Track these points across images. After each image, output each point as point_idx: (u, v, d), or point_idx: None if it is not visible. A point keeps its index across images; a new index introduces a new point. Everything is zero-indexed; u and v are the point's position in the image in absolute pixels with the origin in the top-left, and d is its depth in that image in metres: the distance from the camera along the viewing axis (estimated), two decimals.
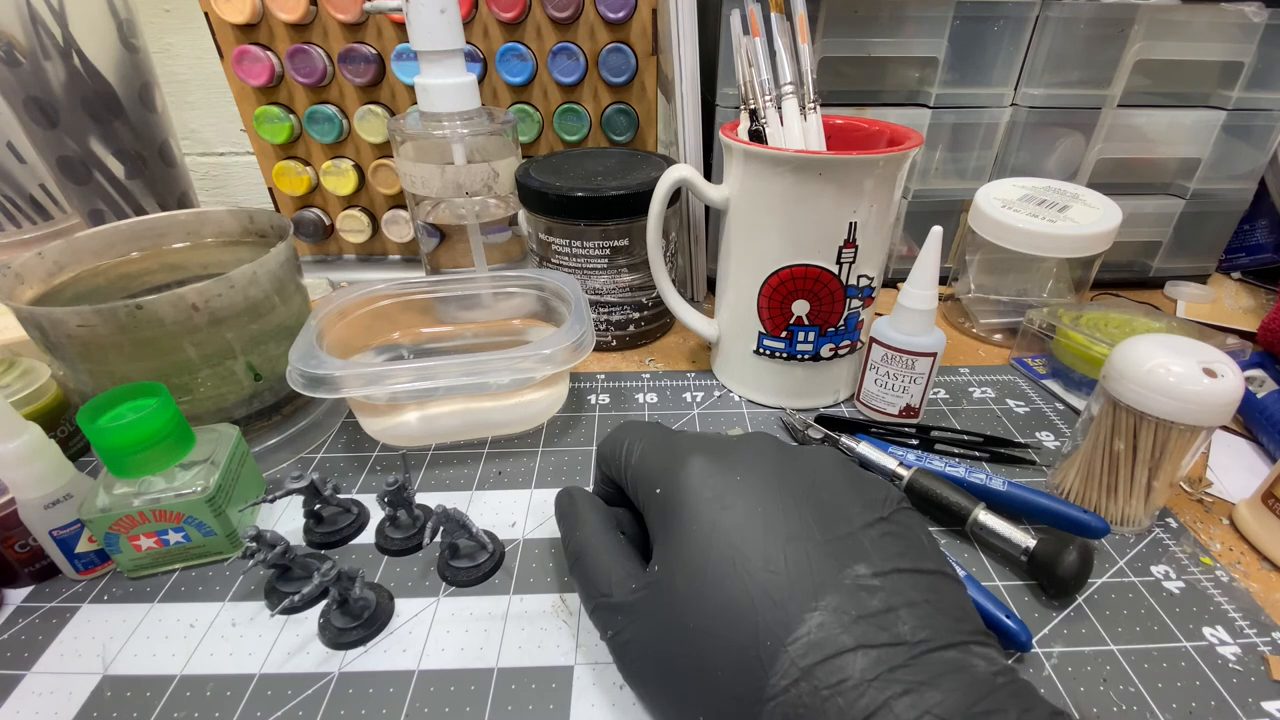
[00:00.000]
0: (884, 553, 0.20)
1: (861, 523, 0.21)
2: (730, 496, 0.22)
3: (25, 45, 0.43)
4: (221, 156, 0.70)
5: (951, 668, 0.17)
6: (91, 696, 0.25)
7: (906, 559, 0.20)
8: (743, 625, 0.19)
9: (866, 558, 0.20)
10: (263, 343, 0.34)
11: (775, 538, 0.20)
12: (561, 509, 0.28)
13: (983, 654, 0.18)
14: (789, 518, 0.21)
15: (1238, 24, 0.45)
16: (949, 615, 0.19)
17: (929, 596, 0.19)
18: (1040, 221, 0.43)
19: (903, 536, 0.21)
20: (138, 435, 0.27)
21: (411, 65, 0.50)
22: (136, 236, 0.38)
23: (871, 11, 0.44)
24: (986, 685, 0.17)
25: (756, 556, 0.20)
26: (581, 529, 0.26)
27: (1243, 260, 0.57)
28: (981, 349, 0.48)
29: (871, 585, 0.19)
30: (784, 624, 0.18)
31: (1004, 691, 0.17)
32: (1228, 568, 0.30)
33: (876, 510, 0.21)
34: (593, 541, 0.25)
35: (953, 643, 0.18)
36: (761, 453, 0.23)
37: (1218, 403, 0.27)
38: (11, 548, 0.28)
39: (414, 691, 0.25)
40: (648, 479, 0.24)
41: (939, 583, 0.20)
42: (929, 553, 0.21)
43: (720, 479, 0.22)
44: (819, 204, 0.33)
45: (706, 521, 0.21)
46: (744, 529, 0.21)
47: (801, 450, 0.24)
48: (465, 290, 0.40)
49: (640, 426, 0.27)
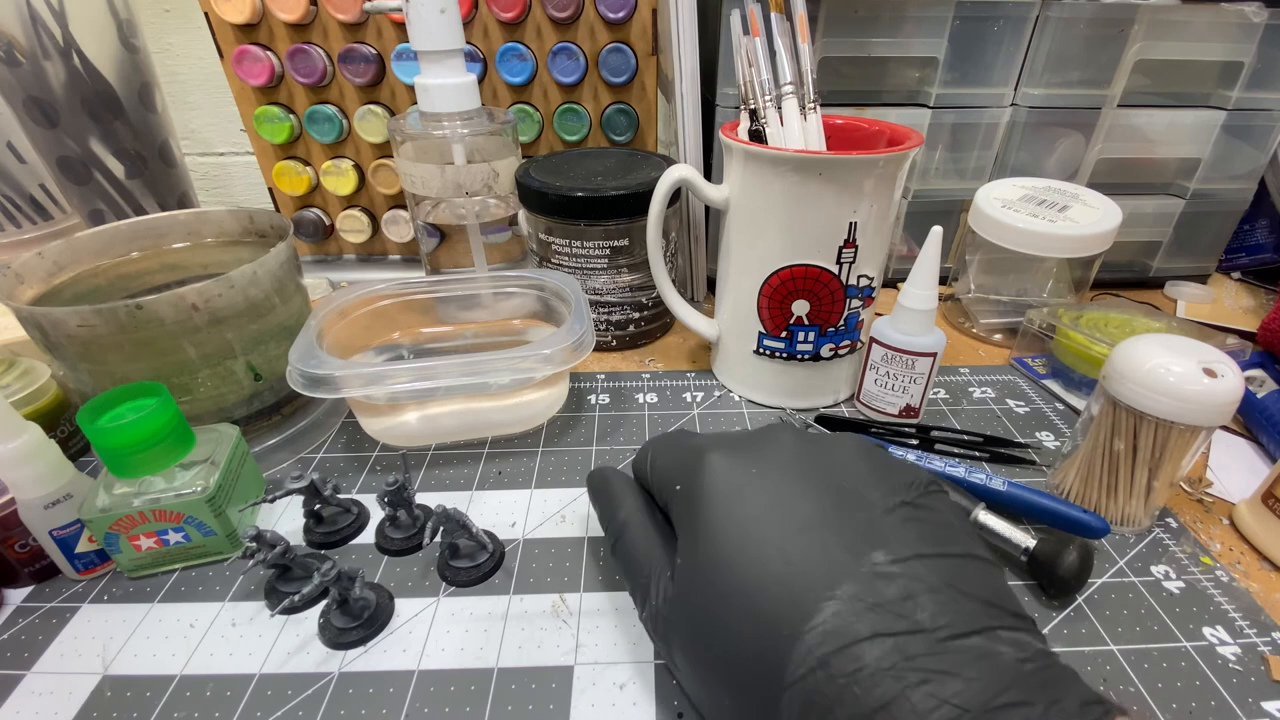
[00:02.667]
0: (904, 538, 0.20)
1: (882, 508, 0.20)
2: (748, 489, 0.22)
3: (25, 45, 0.43)
4: (221, 156, 0.70)
5: (974, 655, 0.17)
6: (91, 696, 0.25)
7: (929, 543, 0.20)
8: (760, 616, 0.19)
9: (885, 544, 0.19)
10: (263, 343, 0.34)
11: (791, 528, 0.20)
12: (595, 489, 0.29)
13: (1012, 640, 0.18)
14: (806, 507, 0.21)
15: (1238, 24, 0.45)
16: (975, 600, 0.18)
17: (953, 581, 0.19)
18: (1040, 221, 0.43)
19: (927, 520, 0.21)
20: (138, 435, 0.27)
21: (411, 65, 0.50)
22: (136, 236, 0.38)
23: (871, 11, 0.44)
24: (1012, 674, 0.16)
25: (772, 548, 0.20)
26: (622, 509, 0.26)
27: (1243, 260, 0.57)
28: (981, 349, 0.48)
29: (889, 573, 0.18)
30: (800, 613, 0.18)
31: (1032, 681, 0.16)
32: (1228, 568, 0.30)
33: (900, 494, 0.21)
34: (633, 522, 0.26)
35: (976, 629, 0.17)
36: (780, 444, 0.23)
37: (1218, 403, 0.27)
38: (11, 548, 0.28)
39: (414, 691, 0.25)
40: (669, 477, 0.25)
41: (967, 566, 0.20)
42: (957, 535, 0.21)
43: (737, 473, 0.22)
44: (819, 204, 0.33)
45: (723, 515, 0.21)
46: (760, 520, 0.21)
47: (823, 438, 0.24)
48: (465, 290, 0.40)
49: (663, 435, 0.28)
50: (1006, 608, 0.19)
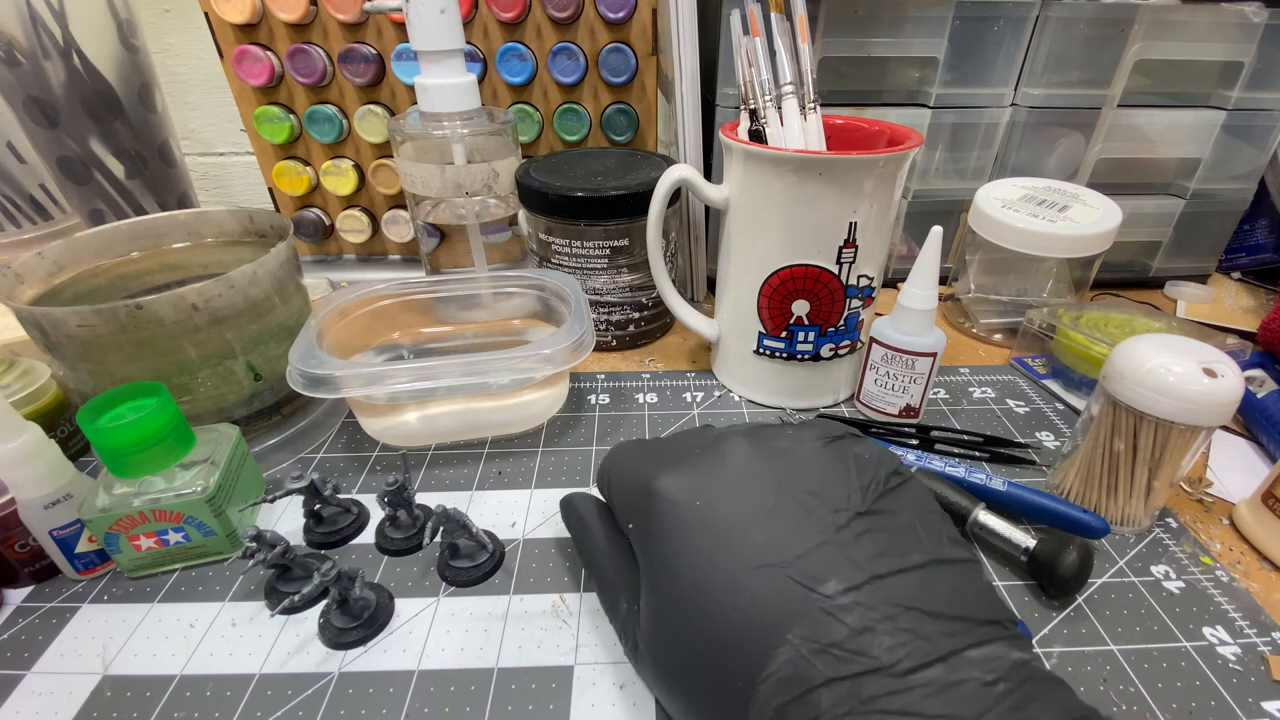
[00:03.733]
0: (859, 559, 0.18)
1: (835, 526, 0.19)
2: (692, 524, 0.21)
3: (25, 45, 0.43)
4: (221, 156, 0.70)
5: (936, 689, 0.16)
6: (91, 696, 0.25)
7: (887, 559, 0.18)
8: (715, 666, 0.18)
9: (838, 570, 0.18)
10: (263, 343, 0.34)
11: (739, 568, 0.19)
12: (567, 519, 0.29)
13: (981, 659, 0.16)
14: (756, 538, 0.19)
15: (1238, 24, 0.45)
16: (939, 619, 0.17)
17: (915, 600, 0.18)
18: (1040, 221, 0.43)
19: (885, 529, 0.19)
20: (138, 435, 0.27)
21: (411, 65, 0.50)
22: (136, 236, 0.38)
23: (871, 11, 0.44)
24: (979, 702, 0.15)
25: (723, 592, 0.19)
26: (590, 540, 0.26)
27: (1243, 260, 0.57)
28: (981, 349, 0.48)
29: (842, 605, 0.17)
30: (753, 663, 0.17)
31: (1003, 706, 0.15)
32: (1228, 568, 0.30)
33: (855, 504, 0.20)
34: (600, 554, 0.26)
35: (940, 656, 0.16)
36: (728, 463, 0.22)
37: (1218, 403, 0.27)
38: (11, 548, 0.28)
39: (414, 691, 0.25)
40: (623, 513, 0.25)
41: (931, 576, 0.18)
42: (920, 541, 0.19)
43: (681, 507, 0.21)
44: (819, 204, 0.33)
45: (671, 557, 0.21)
46: (710, 562, 0.20)
47: (776, 443, 0.23)
48: (465, 290, 0.40)
49: (619, 451, 0.27)
50: (976, 617, 0.18)
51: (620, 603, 0.24)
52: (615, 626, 0.25)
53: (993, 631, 0.17)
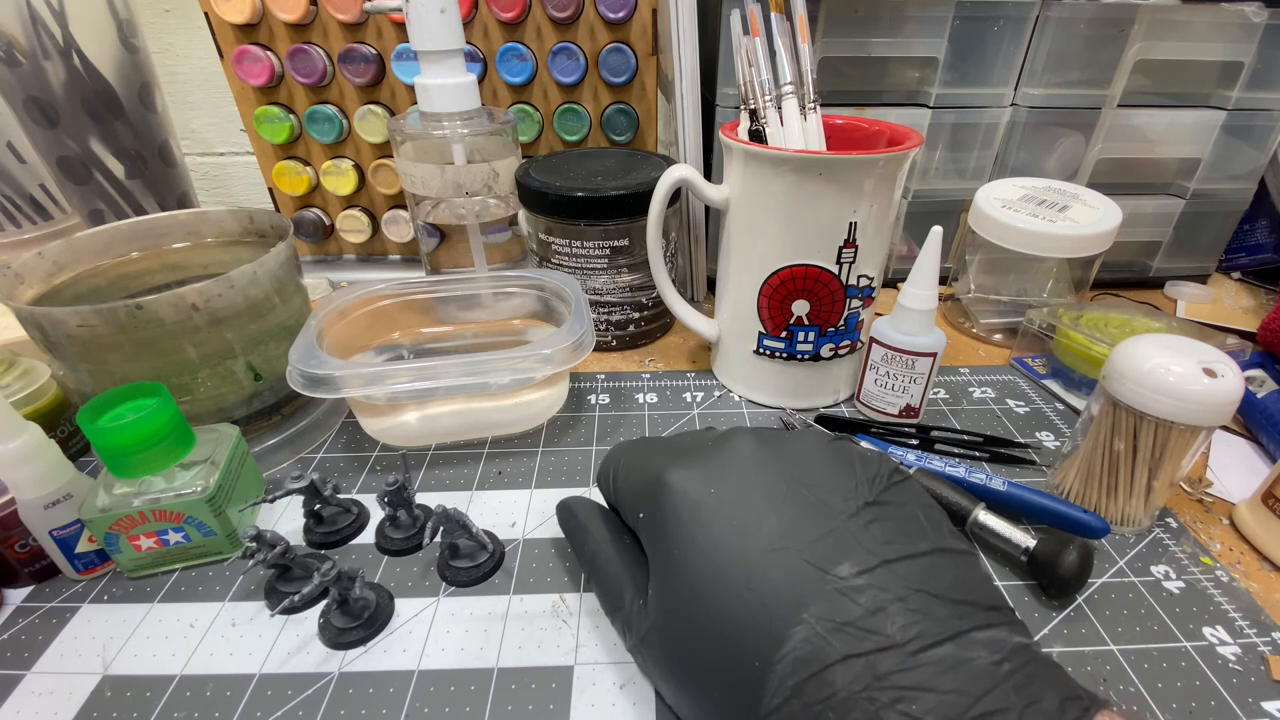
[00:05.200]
0: (869, 544, 0.19)
1: (845, 514, 0.20)
2: (708, 513, 0.21)
3: (25, 45, 0.43)
4: (221, 156, 0.70)
5: (947, 665, 0.17)
6: (91, 696, 0.25)
7: (895, 546, 0.19)
8: (733, 647, 0.19)
9: (850, 554, 0.19)
10: (263, 343, 0.34)
11: (755, 550, 0.20)
12: (563, 522, 0.29)
13: (986, 640, 0.17)
14: (769, 524, 0.20)
15: (1238, 24, 0.45)
16: (946, 602, 0.18)
17: (923, 583, 0.18)
18: (1040, 221, 0.43)
19: (892, 519, 0.20)
20: (138, 435, 0.27)
21: (411, 65, 0.50)
22: (136, 236, 0.38)
23: (871, 11, 0.44)
24: (986, 680, 0.16)
25: (738, 574, 0.19)
26: (590, 541, 0.26)
27: (1243, 260, 0.57)
28: (981, 349, 0.48)
29: (855, 586, 0.18)
30: (770, 642, 0.18)
31: (1009, 684, 0.16)
32: (1228, 568, 0.30)
33: (863, 495, 0.21)
34: (601, 553, 0.26)
35: (949, 635, 0.17)
36: (739, 453, 0.23)
37: (1218, 403, 0.27)
38: (11, 548, 0.28)
39: (414, 691, 0.25)
40: (631, 505, 0.25)
41: (937, 563, 0.19)
42: (924, 531, 0.20)
43: (694, 497, 0.22)
44: (819, 204, 0.33)
45: (687, 543, 0.21)
46: (724, 546, 0.20)
47: (782, 440, 0.23)
48: (465, 290, 0.40)
49: (623, 449, 0.28)
50: (980, 603, 0.18)
51: (624, 599, 0.24)
52: (617, 624, 0.25)
53: (996, 616, 0.18)
